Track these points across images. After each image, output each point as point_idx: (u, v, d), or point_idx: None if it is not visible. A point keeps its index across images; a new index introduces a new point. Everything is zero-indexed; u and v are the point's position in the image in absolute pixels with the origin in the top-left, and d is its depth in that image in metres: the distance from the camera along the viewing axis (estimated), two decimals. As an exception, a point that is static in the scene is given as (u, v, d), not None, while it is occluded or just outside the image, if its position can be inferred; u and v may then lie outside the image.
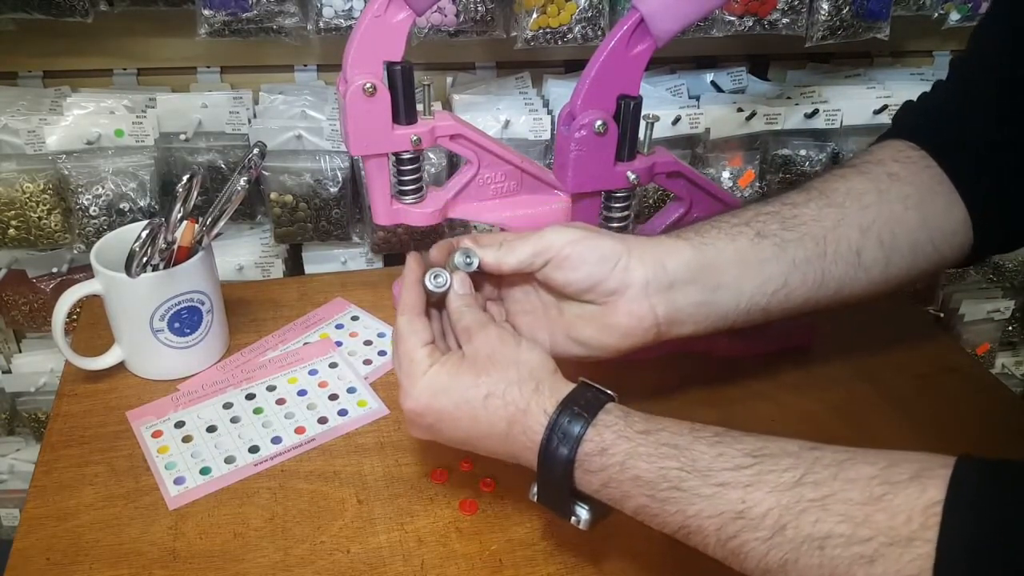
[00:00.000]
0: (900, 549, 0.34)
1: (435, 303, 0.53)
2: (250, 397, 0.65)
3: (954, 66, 0.61)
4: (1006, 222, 0.57)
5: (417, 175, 0.69)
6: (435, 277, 0.51)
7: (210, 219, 0.65)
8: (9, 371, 1.02)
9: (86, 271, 0.95)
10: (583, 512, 0.45)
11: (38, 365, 1.02)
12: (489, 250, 0.51)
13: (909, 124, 0.60)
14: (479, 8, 0.84)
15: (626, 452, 0.42)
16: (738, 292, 0.52)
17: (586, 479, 0.44)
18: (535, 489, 0.47)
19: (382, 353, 0.71)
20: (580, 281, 0.50)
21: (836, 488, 0.37)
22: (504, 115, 0.89)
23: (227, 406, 0.64)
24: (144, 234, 0.58)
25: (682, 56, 1.02)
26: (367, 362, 0.70)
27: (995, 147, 0.55)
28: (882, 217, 0.54)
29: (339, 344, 0.72)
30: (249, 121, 0.88)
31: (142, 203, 0.88)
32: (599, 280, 0.50)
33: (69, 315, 0.63)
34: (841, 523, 0.36)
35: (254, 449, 0.60)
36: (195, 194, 0.63)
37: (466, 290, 0.51)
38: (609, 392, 0.46)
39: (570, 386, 0.46)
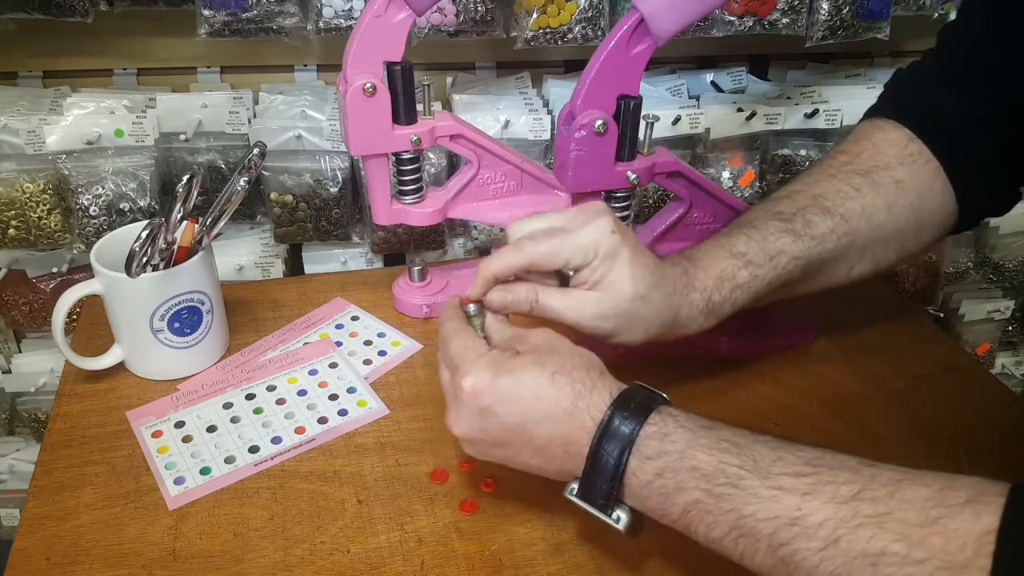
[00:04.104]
0: (954, 575, 0.34)
1: None
2: (250, 397, 0.65)
3: (942, 41, 0.63)
4: (988, 198, 0.61)
5: (417, 175, 0.69)
6: (472, 305, 0.52)
7: (210, 219, 0.65)
8: (9, 371, 1.02)
9: (86, 271, 0.95)
10: (623, 513, 0.45)
11: (38, 365, 1.02)
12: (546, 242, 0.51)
13: (904, 106, 0.63)
14: (479, 8, 0.84)
15: (687, 441, 0.43)
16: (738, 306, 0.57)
17: (641, 467, 0.43)
18: (573, 485, 0.46)
19: (382, 353, 0.71)
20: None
21: (892, 507, 0.37)
22: (504, 115, 0.89)
23: (227, 406, 0.64)
24: (144, 234, 0.58)
25: (682, 56, 1.02)
26: (367, 362, 0.70)
27: (981, 128, 0.58)
28: (885, 235, 0.59)
29: (339, 344, 0.72)
30: (249, 121, 0.88)
31: (142, 203, 0.88)
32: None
33: (69, 315, 0.63)
34: (896, 542, 0.36)
35: (254, 449, 0.60)
36: (195, 194, 0.63)
37: (502, 316, 0.53)
38: (663, 395, 0.47)
39: (627, 384, 0.47)
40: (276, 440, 0.61)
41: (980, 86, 0.58)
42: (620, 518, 0.45)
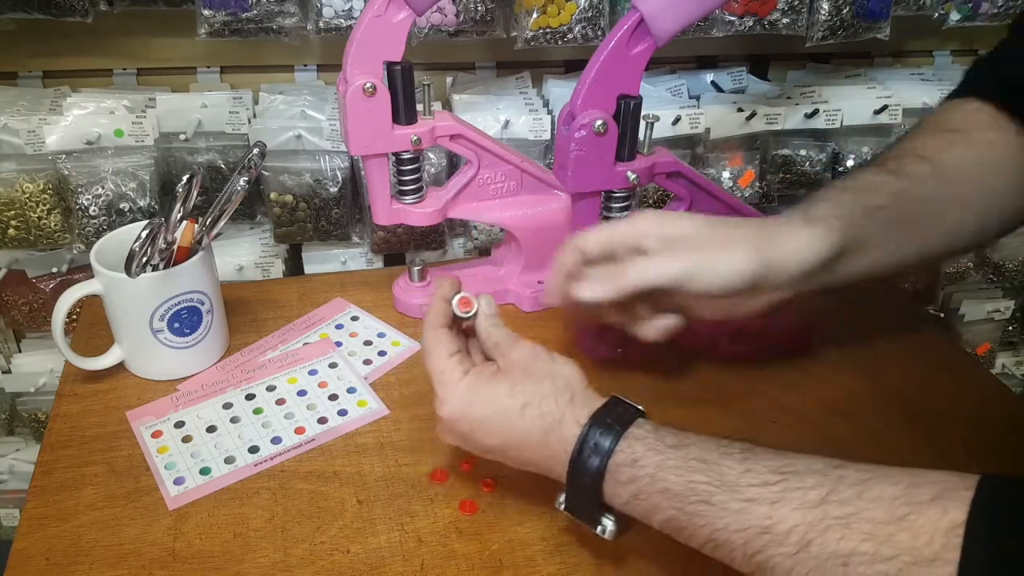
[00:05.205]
0: (923, 569, 0.35)
1: (464, 329, 0.54)
2: (250, 397, 0.65)
3: (1017, 23, 0.62)
4: None
5: (417, 175, 0.69)
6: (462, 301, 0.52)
7: (210, 219, 0.65)
8: (9, 371, 1.02)
9: (86, 271, 0.95)
10: (609, 523, 0.46)
11: (38, 365, 1.02)
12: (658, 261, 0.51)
13: (987, 84, 0.61)
14: (479, 8, 0.84)
15: (656, 464, 0.43)
16: (852, 271, 0.55)
17: (615, 491, 0.44)
18: (562, 498, 0.47)
19: (382, 353, 0.71)
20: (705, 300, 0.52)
21: (860, 507, 0.37)
22: (504, 115, 0.89)
23: (227, 406, 0.64)
24: (144, 234, 0.58)
25: (682, 56, 1.02)
26: (367, 362, 0.70)
27: None
28: (982, 190, 0.57)
29: (339, 344, 0.72)
30: (249, 121, 0.88)
31: (142, 203, 0.88)
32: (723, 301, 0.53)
33: (69, 315, 0.63)
34: (865, 541, 0.36)
35: (254, 449, 0.60)
36: (195, 194, 0.63)
37: (494, 310, 0.53)
38: (639, 407, 0.47)
39: (602, 400, 0.47)
40: (276, 440, 0.61)
41: None
42: (606, 528, 0.46)
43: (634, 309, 0.56)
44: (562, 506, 0.48)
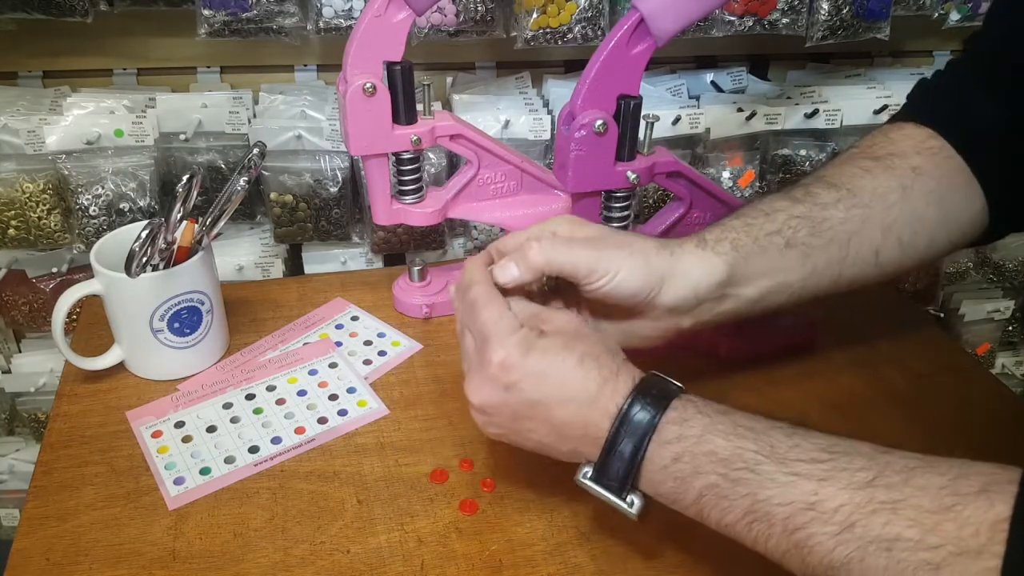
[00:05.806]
0: (968, 560, 0.35)
1: None
2: (250, 397, 0.65)
3: (968, 47, 0.61)
4: (1021, 205, 0.58)
5: (417, 175, 0.69)
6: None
7: (210, 219, 0.65)
8: (9, 371, 1.02)
9: (86, 271, 0.95)
10: (636, 498, 0.45)
11: (38, 365, 1.02)
12: (545, 245, 0.50)
13: (926, 107, 0.61)
14: (479, 8, 0.85)
15: (705, 426, 0.43)
16: (758, 298, 0.55)
17: (658, 452, 0.43)
18: (586, 469, 0.46)
19: (382, 353, 0.71)
20: (612, 303, 0.51)
21: (907, 494, 0.37)
22: (504, 115, 0.89)
23: (227, 406, 0.64)
24: (144, 234, 0.58)
25: (682, 56, 1.02)
26: (367, 362, 0.70)
27: (1010, 130, 0.56)
28: (904, 216, 0.56)
29: (339, 344, 0.72)
30: (249, 121, 0.88)
31: (142, 203, 0.88)
32: (631, 305, 0.51)
33: (69, 315, 0.63)
34: (911, 528, 0.36)
35: (254, 449, 0.60)
36: (195, 194, 0.63)
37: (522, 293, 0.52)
38: (679, 384, 0.47)
39: (644, 373, 0.47)
40: (276, 440, 0.61)
41: (1007, 87, 0.56)
42: (634, 503, 0.45)
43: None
44: (587, 476, 0.46)
